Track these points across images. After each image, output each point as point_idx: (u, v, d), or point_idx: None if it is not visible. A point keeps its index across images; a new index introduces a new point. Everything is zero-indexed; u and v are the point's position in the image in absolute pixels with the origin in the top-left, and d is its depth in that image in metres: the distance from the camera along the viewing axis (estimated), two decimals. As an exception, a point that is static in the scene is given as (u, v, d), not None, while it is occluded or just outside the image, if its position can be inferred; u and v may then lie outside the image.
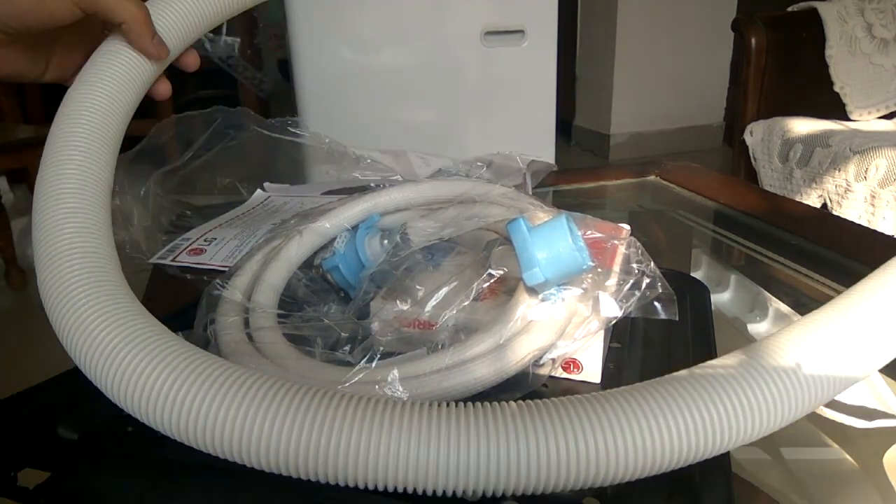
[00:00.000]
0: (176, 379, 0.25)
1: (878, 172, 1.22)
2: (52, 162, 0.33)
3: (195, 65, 0.43)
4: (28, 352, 0.35)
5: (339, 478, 0.24)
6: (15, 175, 1.76)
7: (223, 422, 0.24)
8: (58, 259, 0.29)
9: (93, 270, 0.29)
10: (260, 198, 0.68)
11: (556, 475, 0.23)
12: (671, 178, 0.78)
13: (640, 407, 0.24)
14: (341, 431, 0.24)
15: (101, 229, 0.31)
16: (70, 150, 0.33)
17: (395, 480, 0.24)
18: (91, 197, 0.32)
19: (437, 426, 0.24)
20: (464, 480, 0.24)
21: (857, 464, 0.35)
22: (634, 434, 0.24)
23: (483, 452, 0.23)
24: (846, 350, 0.26)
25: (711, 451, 0.25)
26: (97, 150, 0.34)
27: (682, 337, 0.38)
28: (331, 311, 0.37)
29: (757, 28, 1.54)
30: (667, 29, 2.67)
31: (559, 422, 0.24)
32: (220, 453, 0.25)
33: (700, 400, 0.24)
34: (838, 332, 0.26)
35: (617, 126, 2.78)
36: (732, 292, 0.56)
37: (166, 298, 0.51)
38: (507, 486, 0.24)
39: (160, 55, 0.38)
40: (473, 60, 1.36)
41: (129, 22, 0.36)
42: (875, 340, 0.26)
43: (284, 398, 0.24)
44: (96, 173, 0.33)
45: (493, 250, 0.35)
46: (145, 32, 0.37)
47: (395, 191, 0.46)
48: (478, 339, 0.31)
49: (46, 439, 0.31)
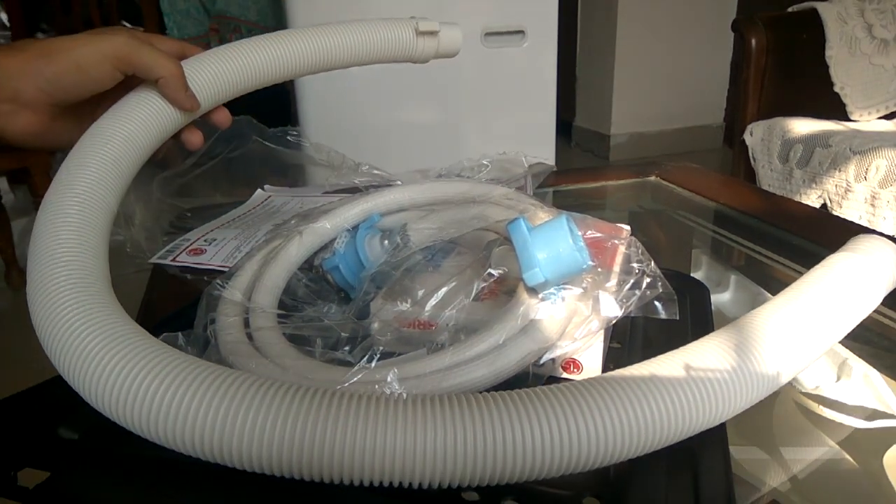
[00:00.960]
0: (145, 378, 0.25)
1: (879, 173, 1.22)
2: (68, 173, 0.34)
3: (227, 122, 0.45)
4: (28, 352, 0.35)
5: (326, 475, 0.24)
6: (15, 176, 1.76)
7: (193, 420, 0.24)
8: (46, 266, 0.30)
9: (79, 280, 0.29)
10: (260, 198, 0.68)
11: (540, 462, 0.24)
12: (671, 178, 0.78)
13: (617, 393, 0.25)
14: (330, 427, 0.24)
15: (95, 247, 0.32)
16: (82, 171, 0.34)
17: (371, 475, 0.24)
18: (91, 218, 0.33)
19: (403, 417, 0.24)
20: (440, 472, 0.24)
21: (857, 464, 0.35)
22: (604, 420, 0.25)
23: (453, 441, 0.24)
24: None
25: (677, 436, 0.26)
26: (107, 178, 0.35)
27: (682, 337, 0.38)
28: (331, 311, 0.37)
29: (757, 28, 1.54)
30: (667, 29, 2.67)
31: (534, 409, 0.25)
32: (197, 453, 0.25)
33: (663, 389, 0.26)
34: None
35: (617, 126, 2.77)
36: (732, 292, 0.56)
37: (166, 298, 0.51)
38: (483, 476, 0.24)
39: (192, 107, 0.41)
40: (473, 61, 1.36)
41: (165, 77, 0.38)
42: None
43: (263, 397, 0.24)
44: (102, 198, 0.34)
45: (493, 250, 0.35)
46: (180, 87, 0.39)
47: (396, 191, 0.46)
48: (478, 339, 0.31)
49: (46, 439, 0.31)
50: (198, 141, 0.45)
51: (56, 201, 0.32)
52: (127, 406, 0.25)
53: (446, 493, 0.25)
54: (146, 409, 0.25)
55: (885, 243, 0.35)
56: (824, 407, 0.39)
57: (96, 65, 0.37)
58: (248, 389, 0.25)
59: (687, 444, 0.27)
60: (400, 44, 0.47)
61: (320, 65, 0.45)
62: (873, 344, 0.42)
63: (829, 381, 0.41)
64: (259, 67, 0.43)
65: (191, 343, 0.34)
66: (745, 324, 0.30)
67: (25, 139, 0.40)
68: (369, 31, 0.46)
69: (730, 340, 0.29)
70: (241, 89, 0.44)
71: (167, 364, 0.26)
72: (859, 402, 0.39)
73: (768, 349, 0.28)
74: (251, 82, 0.44)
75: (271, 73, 0.44)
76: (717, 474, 0.28)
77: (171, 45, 0.42)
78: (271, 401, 0.24)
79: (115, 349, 0.26)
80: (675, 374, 0.27)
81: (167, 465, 0.28)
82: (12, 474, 0.28)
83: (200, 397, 0.24)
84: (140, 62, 0.38)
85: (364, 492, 0.25)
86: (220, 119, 0.45)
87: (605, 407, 0.25)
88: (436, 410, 0.24)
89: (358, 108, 1.32)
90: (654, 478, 0.27)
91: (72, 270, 0.29)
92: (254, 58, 0.43)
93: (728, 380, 0.27)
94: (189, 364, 0.26)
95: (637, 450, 0.25)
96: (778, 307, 0.31)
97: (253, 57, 0.43)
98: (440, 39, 0.49)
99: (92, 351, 0.26)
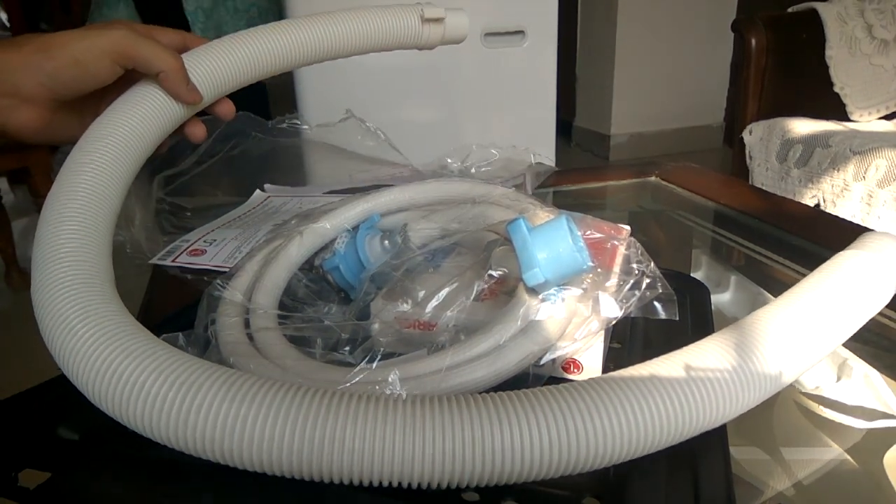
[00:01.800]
0: (148, 377, 0.25)
1: (878, 173, 1.22)
2: (71, 171, 0.34)
3: (230, 113, 0.45)
4: (28, 352, 0.35)
5: (326, 475, 0.24)
6: (15, 175, 1.76)
7: (195, 420, 0.24)
8: (50, 264, 0.30)
9: (84, 279, 0.29)
10: (259, 198, 0.68)
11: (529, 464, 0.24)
12: (671, 178, 0.78)
13: (616, 394, 0.25)
14: (330, 427, 0.24)
15: (99, 244, 0.32)
16: (85, 168, 0.34)
17: (371, 475, 0.24)
18: (95, 216, 0.33)
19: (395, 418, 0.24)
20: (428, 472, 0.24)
21: (857, 464, 0.35)
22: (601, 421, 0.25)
23: (443, 443, 0.24)
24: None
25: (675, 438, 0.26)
26: (110, 175, 0.35)
27: (682, 337, 0.38)
28: (331, 311, 0.37)
29: (757, 28, 1.54)
30: (667, 29, 2.67)
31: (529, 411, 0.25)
32: (198, 453, 0.25)
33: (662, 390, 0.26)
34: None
35: (617, 126, 2.77)
36: (732, 292, 0.56)
37: (167, 299, 0.51)
38: (482, 476, 0.24)
39: (194, 100, 0.40)
40: (474, 61, 1.36)
41: (165, 70, 0.38)
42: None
43: (263, 397, 0.25)
44: (105, 196, 0.34)
45: (493, 251, 0.35)
46: (180, 81, 0.39)
47: (396, 191, 0.46)
48: (478, 339, 0.31)
49: (46, 440, 0.31)
50: (201, 133, 0.44)
51: (59, 200, 0.32)
52: (129, 404, 0.25)
53: (446, 494, 0.25)
54: (148, 407, 0.25)
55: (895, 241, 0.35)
56: (824, 407, 0.39)
57: (95, 60, 0.37)
58: (249, 389, 0.25)
59: (687, 445, 0.27)
60: (405, 31, 0.46)
61: (325, 53, 0.45)
62: (873, 344, 0.42)
63: (830, 382, 0.41)
64: (262, 57, 0.42)
65: (191, 343, 0.34)
66: (748, 324, 0.30)
67: (28, 134, 0.39)
68: (374, 18, 0.45)
69: (732, 340, 0.29)
70: (244, 80, 0.43)
71: (169, 363, 0.26)
72: (860, 402, 0.39)
73: (771, 349, 0.28)
74: (254, 73, 0.43)
75: (275, 63, 0.43)
76: (717, 475, 0.28)
77: (173, 37, 0.42)
78: (272, 400, 0.24)
79: (118, 348, 0.26)
80: (676, 375, 0.27)
81: (168, 466, 0.28)
82: (13, 475, 0.28)
83: (202, 397, 0.24)
84: (139, 56, 0.38)
85: (365, 492, 0.25)
86: (224, 111, 0.45)
87: (605, 407, 0.25)
88: (435, 411, 0.24)
89: (358, 107, 1.32)
90: (655, 479, 0.27)
91: (76, 270, 0.29)
92: (257, 48, 0.42)
93: (729, 380, 0.27)
94: (191, 364, 0.26)
95: (637, 451, 0.25)
96: (782, 307, 0.31)
97: (256, 47, 0.42)
98: (446, 25, 0.48)
99: (94, 350, 0.26)
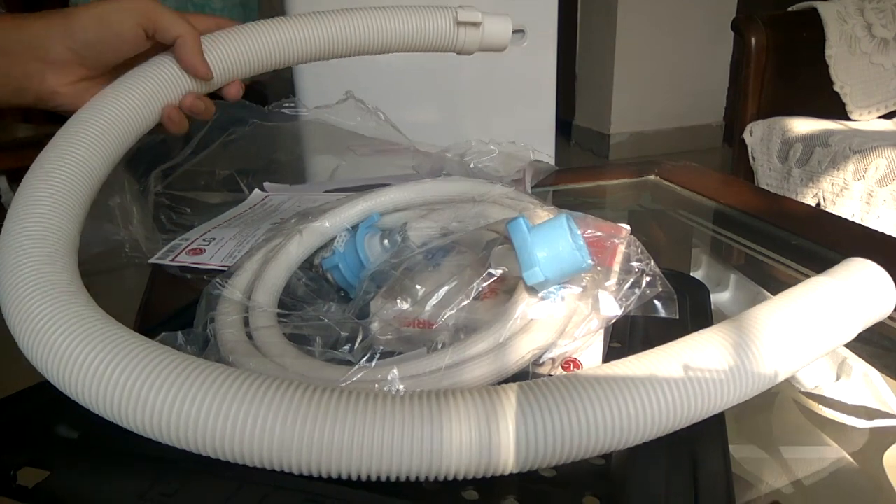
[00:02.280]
0: (128, 373, 0.25)
1: (878, 172, 1.22)
2: (63, 135, 0.36)
3: (237, 95, 0.45)
4: (28, 351, 0.35)
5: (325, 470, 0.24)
6: (15, 175, 1.76)
7: (196, 418, 0.24)
8: (12, 262, 0.30)
9: (46, 278, 0.29)
10: (258, 197, 0.68)
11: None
12: (671, 177, 0.78)
13: (607, 383, 0.26)
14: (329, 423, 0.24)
15: (66, 231, 0.32)
16: (75, 139, 0.36)
17: (370, 469, 0.24)
18: (67, 198, 0.34)
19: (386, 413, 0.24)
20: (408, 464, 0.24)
21: (856, 463, 0.35)
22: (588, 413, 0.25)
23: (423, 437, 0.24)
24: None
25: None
26: (97, 148, 0.36)
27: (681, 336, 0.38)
28: (331, 310, 0.37)
29: (757, 28, 1.54)
30: (667, 29, 2.67)
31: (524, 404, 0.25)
32: (197, 450, 0.25)
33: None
34: None
35: (617, 125, 2.77)
36: (732, 292, 0.56)
37: (166, 298, 0.51)
38: (479, 469, 0.24)
39: (205, 75, 0.41)
40: (473, 60, 1.36)
41: (182, 35, 0.40)
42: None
43: (264, 394, 0.25)
44: (88, 166, 0.35)
45: (493, 250, 0.35)
46: (195, 50, 0.40)
47: (395, 190, 0.46)
48: (478, 338, 0.31)
49: (45, 438, 0.31)
50: (236, 92, 0.45)
51: (35, 178, 0.33)
52: (123, 405, 0.25)
53: (446, 492, 0.25)
54: (147, 406, 0.25)
55: (877, 270, 0.34)
56: (824, 406, 0.39)
57: (119, 20, 0.39)
58: (250, 387, 0.25)
59: (687, 443, 0.27)
60: (437, 32, 0.45)
61: (348, 49, 0.44)
62: (873, 344, 0.42)
63: (829, 381, 0.41)
64: (283, 47, 0.42)
65: (190, 342, 0.34)
66: (740, 318, 0.30)
67: (61, 101, 0.41)
68: (403, 16, 0.44)
69: (723, 333, 0.29)
70: (261, 67, 0.43)
71: (167, 363, 0.26)
72: (859, 401, 0.39)
73: (764, 341, 0.28)
74: (271, 62, 0.43)
75: (295, 54, 0.43)
76: (716, 473, 0.27)
77: (206, 21, 0.43)
78: (271, 398, 0.24)
79: (100, 348, 0.26)
80: (667, 364, 0.27)
81: (167, 465, 0.28)
82: (12, 473, 0.28)
83: (202, 396, 0.24)
84: (161, 20, 0.39)
85: (364, 487, 0.25)
86: (232, 92, 0.45)
87: (596, 397, 0.25)
88: (432, 405, 0.24)
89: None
90: (654, 477, 0.27)
91: (39, 267, 0.29)
92: (279, 37, 0.42)
93: (722, 370, 0.27)
94: (187, 362, 0.26)
95: (630, 439, 0.26)
96: (776, 305, 0.31)
97: (278, 36, 0.42)
98: (484, 31, 0.46)
99: (73, 353, 0.26)
